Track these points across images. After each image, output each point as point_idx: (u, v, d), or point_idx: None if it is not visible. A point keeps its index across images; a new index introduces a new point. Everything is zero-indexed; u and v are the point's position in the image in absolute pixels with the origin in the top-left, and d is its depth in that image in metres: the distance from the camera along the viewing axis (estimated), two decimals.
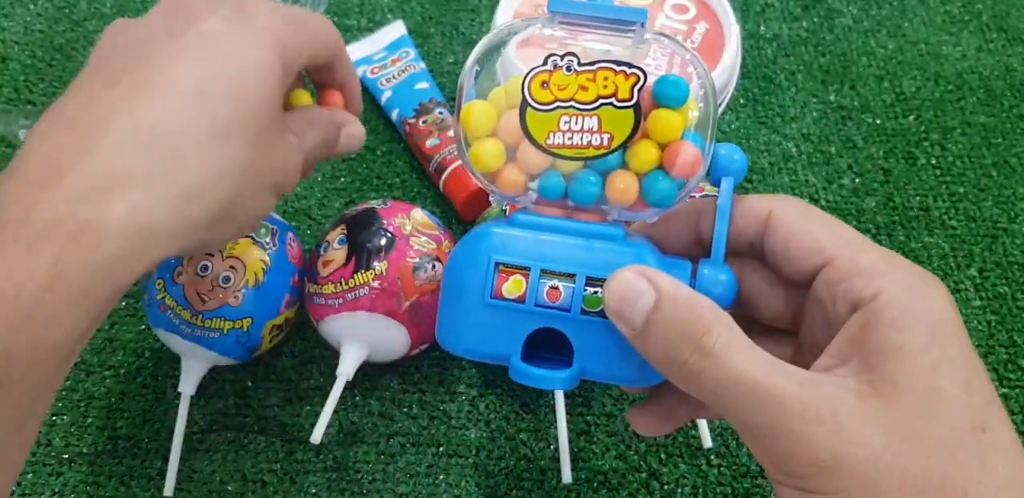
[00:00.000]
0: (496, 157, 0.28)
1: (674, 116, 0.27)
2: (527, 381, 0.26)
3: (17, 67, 0.56)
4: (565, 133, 0.27)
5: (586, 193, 0.27)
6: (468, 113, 0.28)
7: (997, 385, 0.45)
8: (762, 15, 0.61)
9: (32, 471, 0.41)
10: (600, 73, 0.26)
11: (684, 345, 0.23)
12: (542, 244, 0.27)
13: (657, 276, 0.24)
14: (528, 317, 0.27)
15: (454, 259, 0.28)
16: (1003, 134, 0.55)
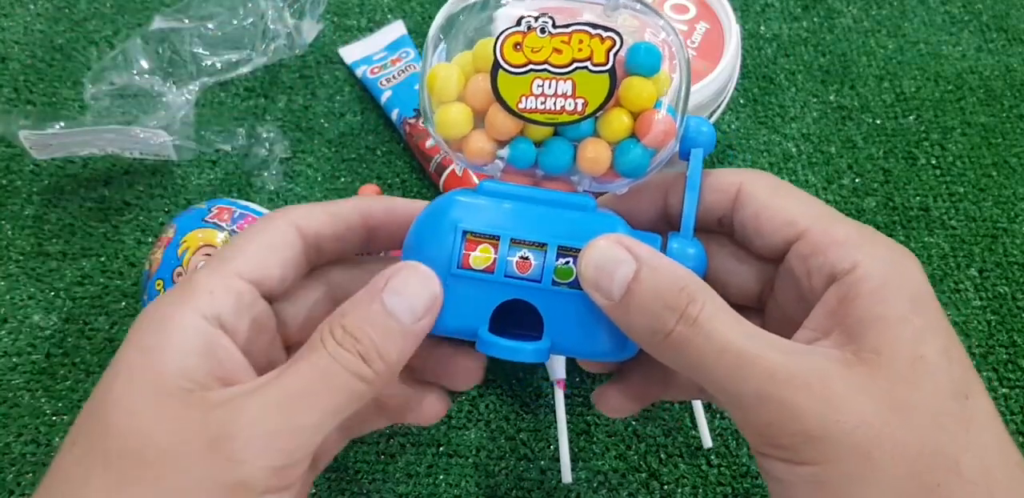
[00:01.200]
0: (463, 122, 0.26)
1: (648, 84, 0.26)
2: (495, 352, 0.25)
3: (17, 67, 0.56)
4: (538, 97, 0.26)
5: (558, 161, 0.26)
6: (434, 76, 0.26)
7: (997, 385, 0.45)
8: (762, 15, 0.61)
9: (32, 471, 0.41)
10: (575, 36, 0.25)
11: (669, 315, 0.22)
12: (511, 212, 0.26)
13: (635, 244, 0.23)
14: (497, 288, 0.25)
15: (417, 228, 0.26)
16: (1003, 134, 0.55)
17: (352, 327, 0.23)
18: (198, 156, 0.52)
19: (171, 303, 0.23)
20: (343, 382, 0.23)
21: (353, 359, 0.23)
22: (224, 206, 0.42)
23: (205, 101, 0.55)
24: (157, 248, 0.41)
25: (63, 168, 0.52)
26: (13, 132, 0.47)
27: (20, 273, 0.48)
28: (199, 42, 0.55)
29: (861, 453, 0.21)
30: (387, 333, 0.23)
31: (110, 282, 0.47)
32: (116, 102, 0.52)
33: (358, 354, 0.23)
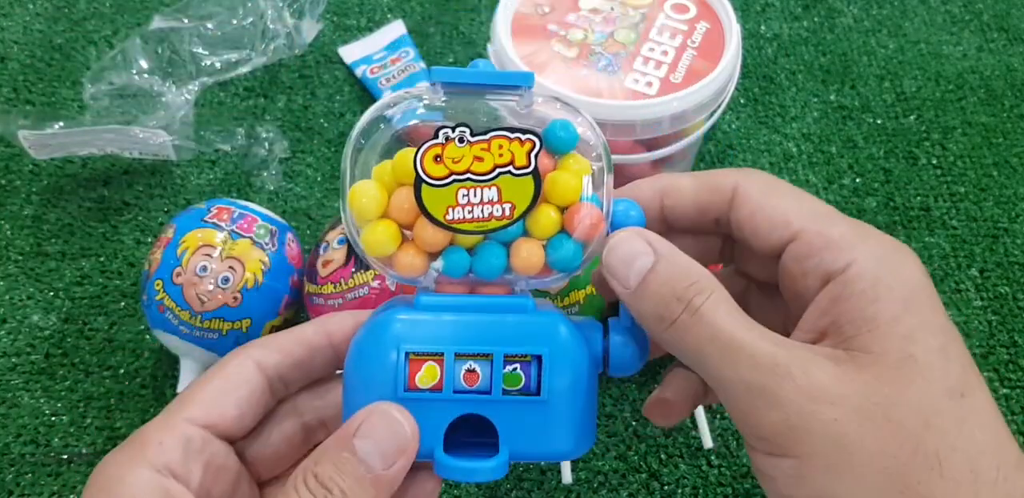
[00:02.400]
0: (391, 240, 0.26)
1: (571, 179, 0.26)
2: (455, 476, 0.25)
3: (16, 67, 0.56)
4: (465, 207, 0.25)
5: (491, 266, 0.26)
6: (355, 195, 0.26)
7: (998, 385, 0.45)
8: (762, 15, 0.61)
9: (31, 471, 0.41)
10: (495, 141, 0.25)
11: (677, 303, 0.23)
12: (452, 325, 0.25)
13: (656, 239, 0.25)
14: (447, 406, 0.25)
15: (358, 352, 0.26)
16: (1004, 134, 0.55)
17: (323, 477, 0.23)
18: (197, 156, 0.52)
19: (120, 460, 0.24)
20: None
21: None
22: (223, 206, 0.42)
23: (204, 101, 0.55)
24: (156, 248, 0.41)
25: (62, 168, 0.52)
26: (12, 132, 0.47)
27: (19, 273, 0.48)
28: (198, 42, 0.55)
29: (839, 446, 0.21)
30: (359, 482, 0.24)
31: (109, 282, 0.47)
32: (115, 102, 0.52)
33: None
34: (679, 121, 0.42)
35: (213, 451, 0.26)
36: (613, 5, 0.45)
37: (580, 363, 0.25)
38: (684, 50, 0.43)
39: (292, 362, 0.27)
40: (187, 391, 0.26)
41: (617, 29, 0.44)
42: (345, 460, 0.24)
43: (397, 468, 0.24)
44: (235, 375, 0.26)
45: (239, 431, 0.27)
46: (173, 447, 0.25)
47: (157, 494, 0.24)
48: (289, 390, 0.28)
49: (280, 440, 0.28)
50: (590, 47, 0.43)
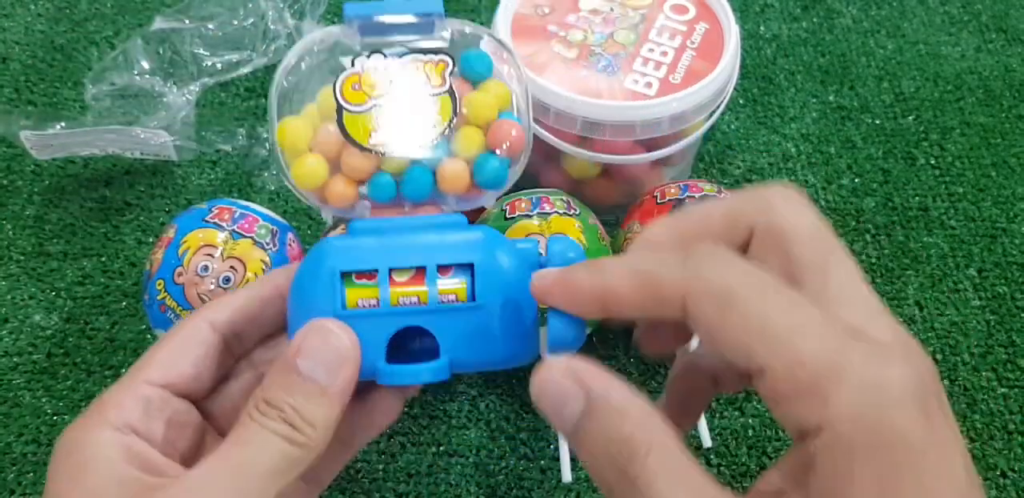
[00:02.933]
0: (320, 171, 0.27)
1: (488, 96, 0.26)
2: (395, 380, 0.25)
3: (18, 67, 0.56)
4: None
5: (419, 188, 0.27)
6: (283, 131, 0.27)
7: (996, 384, 0.45)
8: (762, 15, 0.61)
9: (32, 471, 0.41)
10: (410, 65, 0.26)
11: (609, 469, 0.20)
12: (384, 245, 0.26)
13: (587, 374, 0.21)
14: (386, 320, 0.25)
15: (296, 280, 0.26)
16: (1002, 134, 0.55)
17: (273, 399, 0.24)
18: (199, 156, 0.52)
19: (82, 425, 0.25)
20: (276, 449, 0.24)
21: (280, 426, 0.24)
22: (224, 206, 0.42)
23: (206, 101, 0.55)
24: (158, 248, 0.41)
25: (64, 168, 0.52)
26: (14, 132, 0.47)
27: (21, 273, 0.48)
28: (200, 42, 0.55)
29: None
30: (307, 397, 0.24)
31: (111, 282, 0.47)
32: (117, 102, 0.52)
33: (284, 421, 0.24)
34: (678, 122, 0.42)
35: (174, 409, 0.26)
36: (613, 6, 0.45)
37: (513, 271, 0.26)
38: (683, 51, 0.43)
39: (244, 317, 0.28)
40: (143, 356, 0.27)
41: (617, 30, 0.44)
42: (292, 380, 0.24)
43: (343, 378, 0.25)
44: (189, 336, 0.27)
45: (199, 389, 0.27)
46: (132, 407, 0.25)
47: (120, 450, 0.24)
48: (246, 346, 0.29)
49: (238, 393, 0.29)
50: (590, 48, 0.43)
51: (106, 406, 0.25)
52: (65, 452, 0.24)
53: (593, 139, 0.43)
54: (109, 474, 0.23)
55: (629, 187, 0.48)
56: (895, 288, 0.48)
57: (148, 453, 0.25)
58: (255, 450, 0.24)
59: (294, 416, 0.24)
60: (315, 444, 0.24)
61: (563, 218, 0.40)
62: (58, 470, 0.24)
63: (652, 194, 0.43)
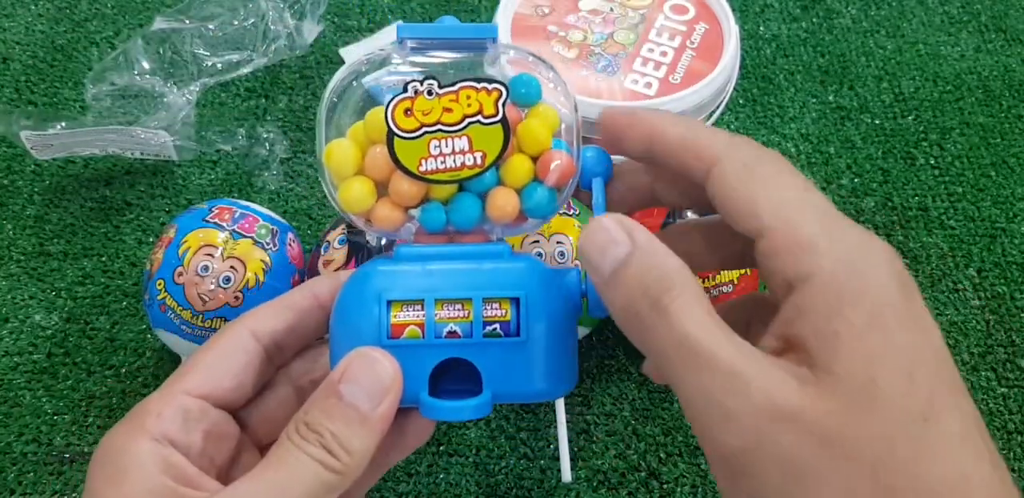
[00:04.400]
0: (367, 195, 0.27)
1: (540, 127, 0.27)
2: (439, 416, 0.25)
3: (18, 67, 0.56)
4: (437, 158, 0.26)
5: (467, 216, 0.27)
6: (330, 154, 0.27)
7: (996, 384, 0.45)
8: (761, 15, 0.61)
9: (32, 470, 0.41)
10: (462, 93, 0.26)
11: (643, 299, 0.22)
12: (431, 274, 0.26)
13: (635, 228, 0.23)
14: (430, 351, 0.25)
15: (341, 304, 0.26)
16: (1001, 134, 0.55)
17: (313, 422, 0.24)
18: (199, 156, 0.52)
19: (121, 433, 0.25)
20: (312, 474, 0.24)
21: (318, 451, 0.24)
22: (225, 206, 0.42)
23: (206, 101, 0.55)
24: (158, 248, 0.41)
25: (64, 168, 0.52)
26: (15, 132, 0.47)
27: (21, 273, 0.48)
28: (200, 43, 0.55)
29: (794, 476, 0.20)
30: (347, 424, 0.24)
31: (111, 282, 0.47)
32: (117, 102, 0.52)
33: (322, 447, 0.24)
34: None
35: (212, 420, 0.26)
36: (612, 6, 0.45)
37: (556, 304, 0.26)
38: (683, 51, 0.43)
39: (285, 327, 0.28)
40: (184, 364, 0.27)
41: (616, 30, 0.44)
42: (332, 405, 0.24)
43: (384, 407, 0.25)
44: (230, 345, 0.27)
45: (238, 399, 0.27)
46: (171, 418, 0.25)
47: (156, 462, 0.24)
48: (286, 356, 0.29)
49: (276, 406, 0.28)
50: (589, 48, 0.43)
51: (146, 415, 0.25)
52: (104, 458, 0.25)
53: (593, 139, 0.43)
54: (144, 483, 0.24)
55: None
56: None
57: (183, 465, 0.25)
58: (291, 474, 0.24)
59: (332, 442, 0.24)
60: (351, 471, 0.24)
61: (562, 218, 0.41)
62: (96, 474, 0.24)
63: None
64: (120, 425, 0.25)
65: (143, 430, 0.25)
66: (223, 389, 0.27)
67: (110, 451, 0.25)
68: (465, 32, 0.28)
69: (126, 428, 0.25)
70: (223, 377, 0.27)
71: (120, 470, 0.24)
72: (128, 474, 0.24)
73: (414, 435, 0.29)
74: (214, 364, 0.27)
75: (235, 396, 0.27)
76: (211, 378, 0.26)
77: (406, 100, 0.26)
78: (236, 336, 0.27)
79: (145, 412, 0.25)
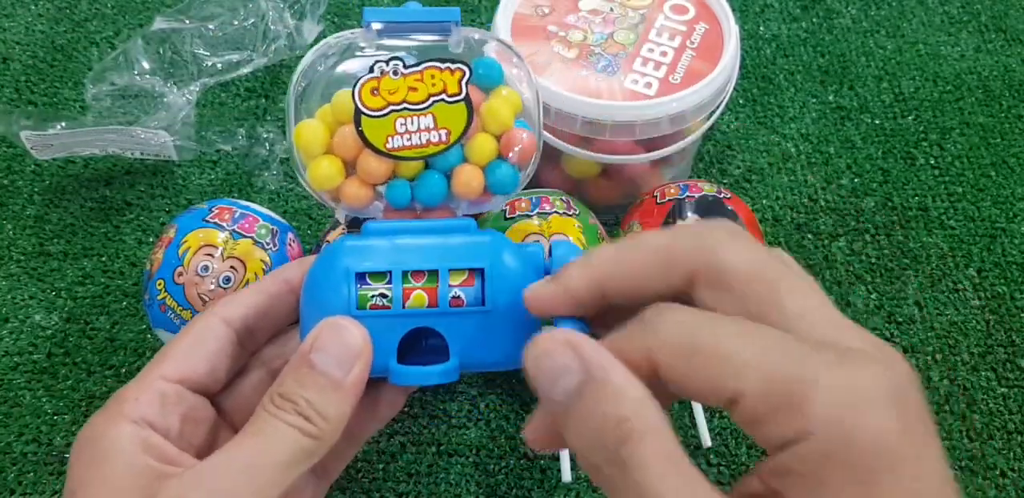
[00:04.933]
0: (335, 173, 0.28)
1: (503, 105, 0.28)
2: (407, 380, 0.26)
3: (18, 67, 0.56)
4: (403, 135, 0.27)
5: (432, 192, 0.28)
6: (299, 134, 0.28)
7: (996, 384, 0.45)
8: (761, 15, 0.61)
9: (32, 470, 0.41)
10: (427, 72, 0.27)
11: (599, 450, 0.20)
12: (398, 247, 0.27)
13: (587, 347, 0.21)
14: (398, 321, 0.26)
15: (311, 278, 0.27)
16: (1002, 134, 0.55)
17: (287, 392, 0.25)
18: (199, 156, 0.52)
19: (101, 419, 0.26)
20: (290, 440, 0.24)
21: (294, 418, 0.24)
22: (225, 206, 0.42)
23: (206, 101, 0.55)
24: (158, 248, 0.41)
25: (64, 168, 0.52)
26: (15, 132, 0.47)
27: (21, 273, 0.48)
28: (200, 43, 0.55)
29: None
30: (321, 391, 0.25)
31: (111, 282, 0.47)
32: (117, 102, 0.52)
33: (298, 414, 0.24)
34: (678, 122, 0.42)
35: (189, 404, 0.27)
36: (613, 6, 0.45)
37: (521, 275, 0.27)
38: (683, 51, 0.43)
39: (256, 312, 0.29)
40: (159, 352, 0.28)
41: (616, 30, 0.44)
42: (305, 374, 0.25)
43: (355, 373, 0.25)
44: (203, 332, 0.28)
45: (213, 384, 0.28)
46: (149, 402, 0.26)
47: (137, 443, 0.25)
48: (259, 341, 0.30)
49: (251, 390, 0.29)
50: (590, 48, 0.43)
51: (124, 401, 0.26)
52: (85, 443, 0.25)
53: (593, 139, 0.43)
54: (126, 463, 0.24)
55: (629, 187, 0.48)
56: (895, 288, 0.48)
57: (164, 446, 0.25)
58: (269, 441, 0.24)
59: (308, 409, 0.24)
60: (327, 436, 0.25)
61: (563, 218, 0.41)
62: (78, 459, 0.25)
63: (652, 194, 0.43)
64: (99, 412, 0.26)
65: (122, 415, 0.25)
66: (198, 373, 0.27)
67: (90, 437, 0.25)
68: (429, 15, 0.29)
69: (105, 414, 0.26)
70: (197, 362, 0.27)
71: (101, 453, 0.25)
72: (109, 456, 0.24)
73: (387, 405, 0.30)
74: (188, 350, 0.27)
75: (210, 380, 0.28)
76: (185, 363, 0.27)
77: (372, 80, 0.27)
78: (208, 323, 0.28)
79: (123, 398, 0.26)
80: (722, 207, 0.41)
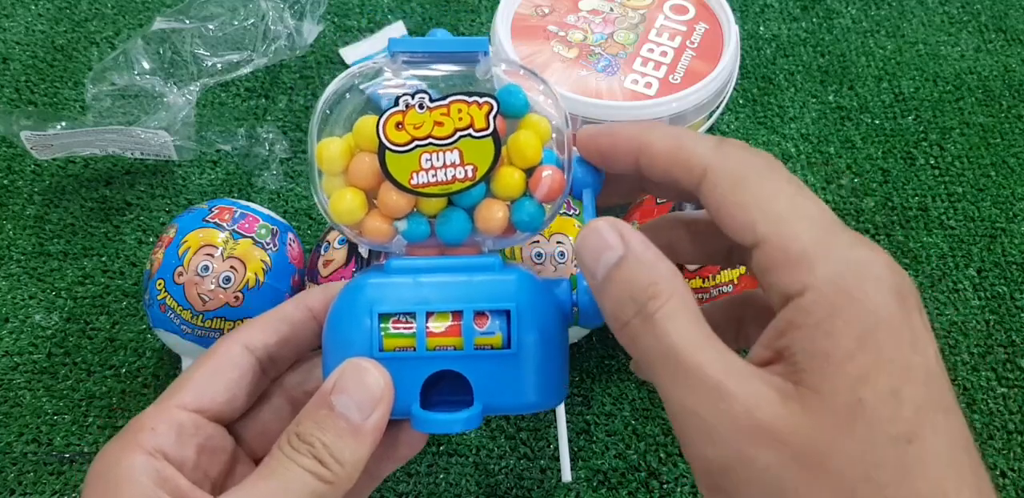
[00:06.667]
0: (359, 207, 0.27)
1: (531, 139, 0.27)
2: (430, 429, 0.26)
3: (18, 67, 0.56)
4: (428, 171, 0.26)
5: (455, 231, 0.27)
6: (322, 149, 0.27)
7: (996, 384, 0.45)
8: (761, 15, 0.61)
9: (32, 470, 0.41)
10: (453, 106, 0.26)
11: (630, 306, 0.22)
12: (421, 286, 0.26)
13: (629, 232, 0.23)
14: (421, 363, 0.26)
15: (333, 317, 0.26)
16: (1001, 134, 0.55)
17: (305, 434, 0.24)
18: (199, 156, 0.52)
19: (116, 447, 0.25)
20: (303, 484, 0.24)
21: (310, 462, 0.24)
22: (225, 206, 0.42)
23: (206, 101, 0.55)
24: (158, 248, 0.41)
25: (64, 168, 0.52)
26: (15, 132, 0.47)
27: (21, 273, 0.48)
28: (200, 43, 0.55)
29: (772, 496, 0.19)
30: (338, 435, 0.24)
31: (111, 282, 0.47)
32: (117, 102, 0.52)
33: (314, 458, 0.24)
34: (678, 122, 0.42)
35: (207, 434, 0.27)
36: (612, 6, 0.45)
37: (547, 316, 0.26)
38: (683, 51, 0.43)
39: (278, 339, 0.28)
40: (179, 378, 0.27)
41: (616, 30, 0.44)
42: (324, 416, 0.25)
43: (375, 418, 0.25)
44: (224, 359, 0.27)
45: (232, 413, 0.28)
46: (165, 432, 0.25)
47: (150, 475, 0.24)
48: (280, 368, 0.29)
49: (270, 418, 0.29)
50: (589, 48, 0.43)
51: (139, 430, 0.25)
52: (98, 472, 0.25)
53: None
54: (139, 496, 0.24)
55: None
56: None
57: (177, 479, 0.25)
58: (282, 484, 0.24)
59: (323, 453, 0.24)
60: (342, 481, 0.24)
61: (563, 218, 0.41)
62: (91, 490, 0.25)
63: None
64: (115, 440, 0.26)
65: (137, 445, 0.25)
66: (217, 403, 0.27)
67: (105, 465, 0.25)
68: (456, 46, 0.28)
69: (121, 443, 0.25)
70: (216, 391, 0.27)
71: (114, 484, 0.24)
72: (122, 488, 0.24)
73: (407, 446, 0.29)
74: (207, 378, 0.27)
75: (229, 409, 0.27)
76: (205, 392, 0.27)
77: (397, 114, 0.26)
78: (229, 350, 0.27)
79: (139, 427, 0.26)
80: None
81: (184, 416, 0.26)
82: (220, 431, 0.27)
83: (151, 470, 0.24)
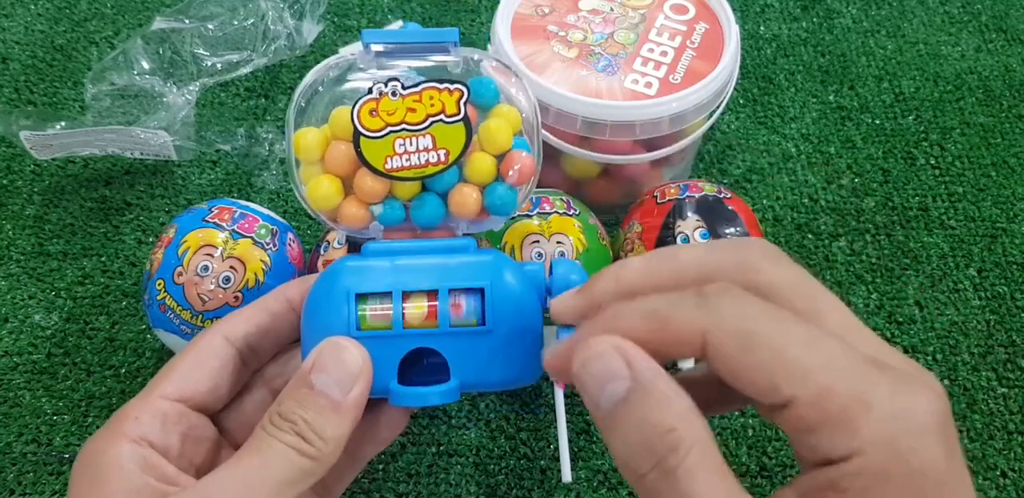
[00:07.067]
0: (335, 193, 0.28)
1: (502, 125, 0.27)
2: (407, 401, 0.26)
3: (18, 67, 0.56)
4: (402, 155, 0.27)
5: (429, 215, 0.28)
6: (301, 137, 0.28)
7: (996, 384, 0.45)
8: (761, 15, 0.61)
9: (32, 471, 0.41)
10: (425, 93, 0.27)
11: (646, 457, 0.20)
12: (398, 268, 0.27)
13: (637, 357, 0.21)
14: (398, 342, 0.26)
15: (312, 299, 0.27)
16: (1002, 134, 0.55)
17: (286, 412, 0.25)
18: (198, 156, 0.52)
19: (101, 437, 0.26)
20: (288, 460, 0.24)
21: (293, 439, 0.24)
22: (224, 206, 0.42)
23: (205, 101, 0.55)
24: (158, 248, 0.41)
25: (64, 168, 0.52)
26: (14, 132, 0.47)
27: (21, 273, 0.48)
28: (199, 43, 0.55)
29: None
30: (319, 412, 0.25)
31: (111, 282, 0.47)
32: (117, 102, 0.52)
33: (296, 434, 0.25)
34: (679, 121, 0.42)
35: (190, 423, 0.27)
36: (613, 6, 0.45)
37: (521, 294, 0.27)
38: (683, 51, 0.43)
39: (258, 330, 0.29)
40: (161, 370, 0.28)
41: (617, 30, 0.44)
42: (304, 394, 0.25)
43: (355, 394, 0.25)
44: (205, 350, 0.28)
45: (215, 402, 0.28)
46: (149, 421, 0.26)
47: (136, 462, 0.25)
48: (261, 359, 0.30)
49: (252, 408, 0.29)
50: (590, 48, 0.43)
51: (124, 419, 0.26)
52: (85, 462, 0.25)
53: (593, 139, 0.43)
54: (125, 483, 0.24)
55: (629, 187, 0.48)
56: (895, 288, 0.48)
57: (163, 465, 0.25)
58: (267, 461, 0.24)
59: (306, 429, 0.24)
60: (325, 457, 0.25)
61: (563, 218, 0.40)
62: (79, 478, 0.25)
63: (652, 194, 0.43)
64: (100, 431, 0.26)
65: (122, 434, 0.25)
66: (199, 392, 0.27)
67: (91, 455, 0.25)
68: (427, 36, 0.29)
69: (106, 433, 0.26)
70: (198, 381, 0.27)
71: (101, 471, 0.25)
72: (109, 475, 0.24)
73: (387, 427, 0.30)
74: (189, 369, 0.27)
75: (211, 399, 0.28)
76: (187, 382, 0.27)
77: (371, 101, 0.27)
78: (210, 341, 0.28)
79: (124, 417, 0.26)
80: (722, 207, 0.41)
81: (167, 405, 0.26)
82: (204, 421, 0.28)
83: (137, 457, 0.25)
